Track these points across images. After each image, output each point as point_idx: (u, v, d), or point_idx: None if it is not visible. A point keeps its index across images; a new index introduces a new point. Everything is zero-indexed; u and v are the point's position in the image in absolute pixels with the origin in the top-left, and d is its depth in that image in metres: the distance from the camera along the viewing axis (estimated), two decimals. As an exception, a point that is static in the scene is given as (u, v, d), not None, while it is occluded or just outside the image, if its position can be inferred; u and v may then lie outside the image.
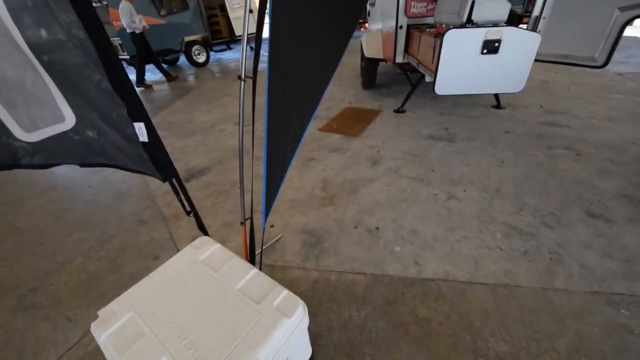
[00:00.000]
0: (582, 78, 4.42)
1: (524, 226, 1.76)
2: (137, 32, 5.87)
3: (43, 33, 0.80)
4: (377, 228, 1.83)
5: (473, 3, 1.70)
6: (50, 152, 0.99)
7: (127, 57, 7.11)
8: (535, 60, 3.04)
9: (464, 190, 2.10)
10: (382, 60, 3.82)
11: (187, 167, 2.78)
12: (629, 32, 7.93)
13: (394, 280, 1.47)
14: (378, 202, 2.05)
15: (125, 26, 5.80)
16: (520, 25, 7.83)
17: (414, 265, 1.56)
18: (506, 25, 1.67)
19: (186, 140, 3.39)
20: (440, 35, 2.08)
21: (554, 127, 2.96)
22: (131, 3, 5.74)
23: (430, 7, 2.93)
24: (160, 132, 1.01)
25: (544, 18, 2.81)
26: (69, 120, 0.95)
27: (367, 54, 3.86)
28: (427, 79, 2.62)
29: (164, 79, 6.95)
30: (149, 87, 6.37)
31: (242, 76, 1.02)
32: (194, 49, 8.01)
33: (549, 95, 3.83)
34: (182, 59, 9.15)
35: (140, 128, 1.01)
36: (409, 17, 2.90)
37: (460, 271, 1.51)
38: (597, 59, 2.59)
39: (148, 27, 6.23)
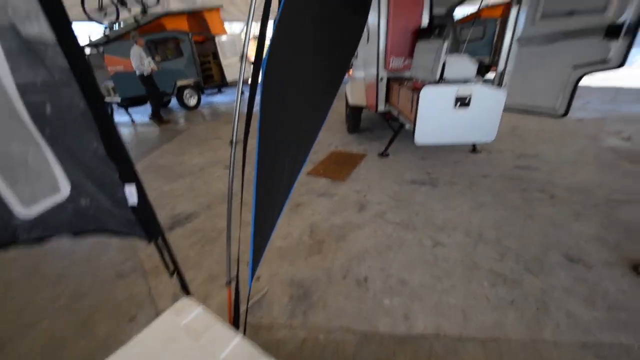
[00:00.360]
0: (548, 124, 4.82)
1: (508, 273, 1.79)
2: (145, 74, 6.19)
3: (47, 107, 0.84)
4: (365, 278, 1.81)
5: (444, 63, 1.92)
6: (46, 225, 0.98)
7: (119, 100, 7.30)
8: (504, 110, 3.34)
9: (449, 236, 2.14)
10: (366, 107, 4.08)
11: (173, 213, 2.73)
12: (585, 81, 8.88)
13: (385, 339, 1.43)
14: (366, 249, 2.05)
15: (134, 68, 6.15)
16: (489, 74, 8.55)
17: (404, 320, 1.53)
18: (475, 82, 1.87)
19: (175, 184, 3.37)
20: (417, 90, 2.28)
21: (527, 170, 3.15)
22: (142, 48, 6.11)
23: (407, 62, 3.23)
24: (148, 176, 1.04)
25: (509, 72, 3.14)
26: (64, 190, 0.96)
27: (351, 102, 4.12)
28: (407, 127, 2.80)
29: (152, 120, 7.10)
30: (167, 122, 6.71)
31: (234, 139, 1.08)
32: (185, 92, 8.31)
33: (520, 140, 4.13)
34: (174, 101, 9.41)
35: (130, 191, 1.02)
36: (388, 70, 3.17)
37: (451, 324, 1.49)
38: (557, 109, 2.87)
39: (157, 69, 6.60)
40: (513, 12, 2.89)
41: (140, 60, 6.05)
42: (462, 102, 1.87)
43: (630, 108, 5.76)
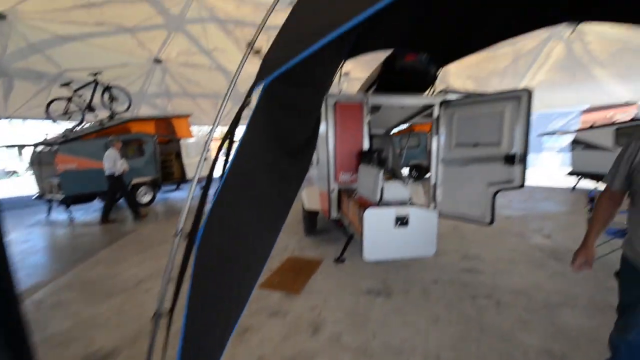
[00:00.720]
0: (483, 221, 5.41)
1: (471, 410, 1.66)
2: (116, 174, 6.12)
3: None
4: None
5: (382, 188, 2.22)
6: None
7: (61, 197, 6.83)
8: (443, 217, 3.73)
9: (408, 362, 2.01)
10: (321, 212, 4.28)
11: (87, 351, 2.24)
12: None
13: None
14: (319, 389, 1.81)
15: (105, 169, 6.08)
16: (428, 174, 9.67)
17: None
18: (411, 205, 2.14)
19: (99, 307, 2.88)
20: (362, 207, 2.50)
21: (472, 273, 3.32)
22: (118, 151, 6.12)
23: (354, 176, 3.62)
24: (68, 296, 0.86)
25: (440, 186, 3.66)
26: None
27: (307, 206, 4.31)
28: (356, 237, 2.94)
29: (95, 220, 6.60)
30: (111, 221, 6.37)
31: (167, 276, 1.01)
32: (141, 189, 8.10)
33: (461, 239, 4.50)
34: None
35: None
36: (338, 183, 3.50)
37: None
38: (484, 218, 3.28)
39: (129, 169, 6.62)
40: (435, 140, 3.58)
41: (113, 162, 6.11)
42: (402, 221, 2.09)
43: (544, 206, 6.81)
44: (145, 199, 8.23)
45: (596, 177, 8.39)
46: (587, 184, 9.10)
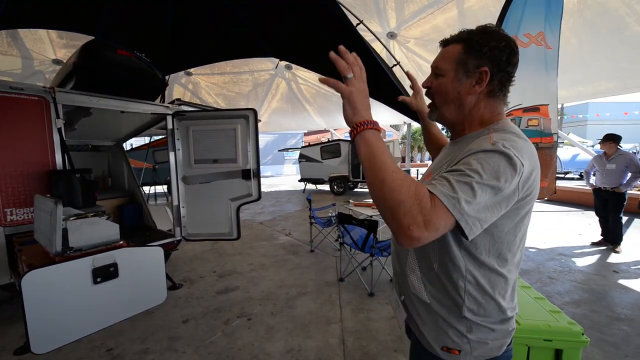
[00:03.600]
0: (240, 232, 5.65)
1: None
2: None
3: None
4: None
5: (65, 230, 1.39)
6: None
7: None
8: (193, 240, 3.34)
9: None
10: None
11: None
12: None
13: None
14: None
15: None
16: None
17: None
18: (118, 247, 1.52)
19: None
20: (28, 266, 1.53)
21: (228, 293, 3.20)
22: None
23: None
24: None
25: (183, 207, 3.24)
26: None
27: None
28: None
29: None
30: None
31: None
32: None
33: (220, 256, 4.36)
34: None
35: None
36: (5, 226, 2.10)
37: None
38: (232, 234, 3.25)
39: None
40: (172, 156, 3.11)
41: None
42: (105, 274, 1.43)
43: (287, 207, 8.32)
44: None
45: (316, 181, 11.64)
46: (312, 186, 12.47)
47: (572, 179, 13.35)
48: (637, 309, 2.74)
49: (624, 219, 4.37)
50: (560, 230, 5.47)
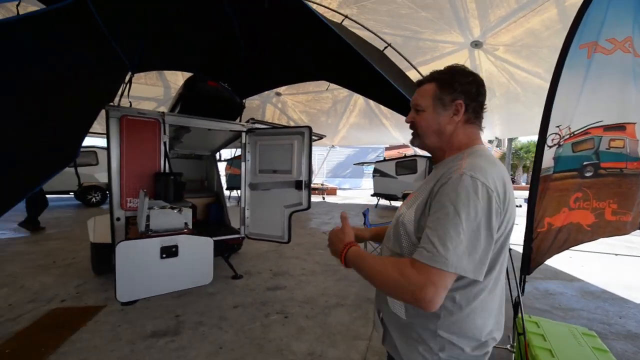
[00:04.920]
0: (302, 238, 6.08)
1: None
2: None
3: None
4: None
5: (148, 216, 1.99)
6: None
7: None
8: (250, 238, 3.86)
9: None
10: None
11: None
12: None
13: None
14: None
15: None
16: None
17: None
18: (181, 234, 2.04)
19: None
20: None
21: (275, 291, 3.56)
22: None
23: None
24: None
25: (248, 209, 3.80)
26: None
27: (93, 239, 3.45)
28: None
29: None
30: None
31: None
32: None
33: (279, 257, 4.83)
34: None
35: None
36: (125, 210, 2.99)
37: None
38: (284, 237, 3.62)
39: None
40: (243, 166, 3.73)
41: None
42: (169, 252, 1.94)
43: (354, 221, 8.42)
44: None
45: (389, 197, 11.38)
46: (385, 201, 12.21)
47: None
48: None
49: None
50: None
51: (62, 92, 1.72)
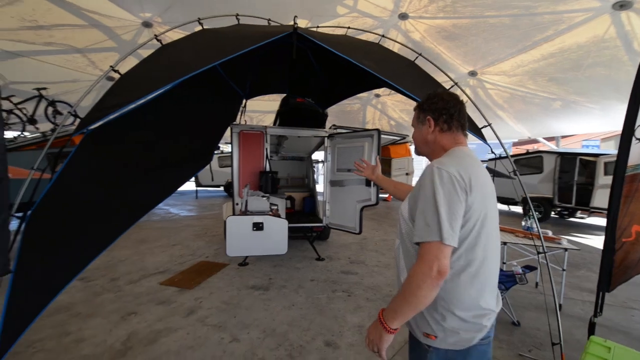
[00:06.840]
0: (389, 235, 6.30)
1: (273, 358, 2.31)
2: None
3: None
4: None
5: (246, 201, 2.94)
6: None
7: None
8: (330, 227, 4.51)
9: (248, 333, 2.64)
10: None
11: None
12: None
13: None
14: (168, 350, 2.37)
15: None
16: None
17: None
18: (267, 215, 2.88)
19: None
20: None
21: (347, 275, 4.08)
22: None
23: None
24: None
25: (328, 202, 4.46)
26: None
27: (224, 217, 4.91)
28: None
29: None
30: None
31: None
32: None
33: (360, 249, 5.30)
34: None
35: None
36: (240, 198, 4.19)
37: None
38: (356, 229, 4.09)
39: None
40: (325, 165, 4.42)
41: None
42: (258, 227, 2.79)
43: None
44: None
45: (505, 200, 9.83)
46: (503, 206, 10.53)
47: None
48: None
49: None
50: None
51: (208, 119, 2.84)
